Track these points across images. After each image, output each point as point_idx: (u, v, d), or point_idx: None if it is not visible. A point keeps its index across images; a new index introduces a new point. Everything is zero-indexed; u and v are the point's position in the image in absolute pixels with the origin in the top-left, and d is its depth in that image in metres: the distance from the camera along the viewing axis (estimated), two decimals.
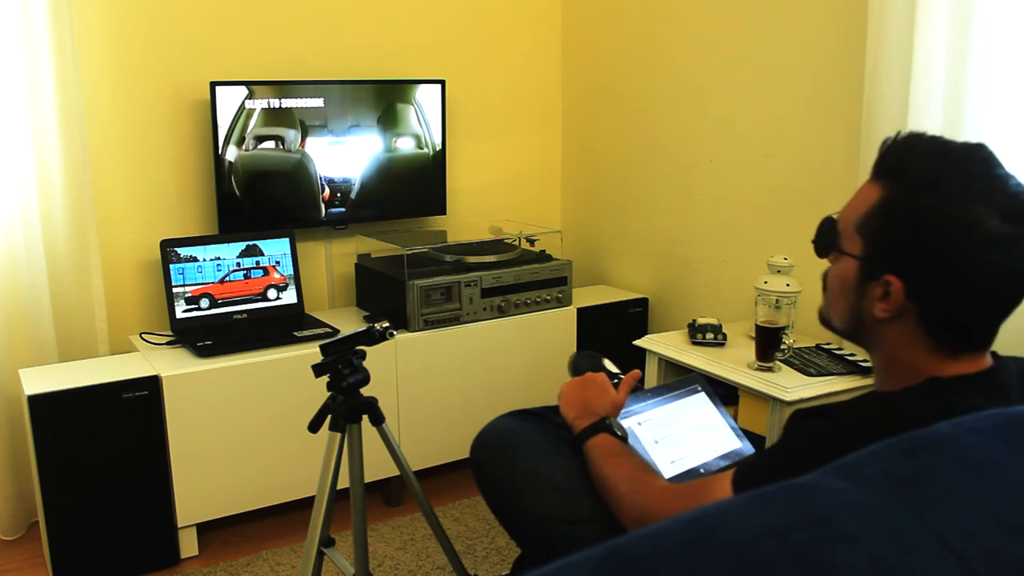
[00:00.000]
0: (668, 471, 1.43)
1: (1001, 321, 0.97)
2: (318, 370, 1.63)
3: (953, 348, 0.99)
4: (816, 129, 2.30)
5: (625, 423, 1.43)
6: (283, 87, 2.55)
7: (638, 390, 1.53)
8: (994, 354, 1.03)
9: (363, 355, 1.65)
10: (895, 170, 0.98)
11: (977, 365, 0.99)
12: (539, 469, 1.29)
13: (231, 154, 2.51)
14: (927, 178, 0.94)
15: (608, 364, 1.54)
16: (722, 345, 2.23)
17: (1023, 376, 1.01)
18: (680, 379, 1.61)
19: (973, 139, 1.83)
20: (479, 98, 3.05)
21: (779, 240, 2.43)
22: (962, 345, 0.99)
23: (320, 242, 2.83)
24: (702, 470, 1.47)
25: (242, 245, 2.53)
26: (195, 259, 2.46)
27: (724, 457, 1.50)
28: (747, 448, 1.53)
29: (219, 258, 2.50)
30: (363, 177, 2.74)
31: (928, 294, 0.96)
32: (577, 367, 1.54)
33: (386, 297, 2.60)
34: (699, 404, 1.58)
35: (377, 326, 1.62)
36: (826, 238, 1.08)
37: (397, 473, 2.33)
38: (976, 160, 0.96)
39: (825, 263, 1.12)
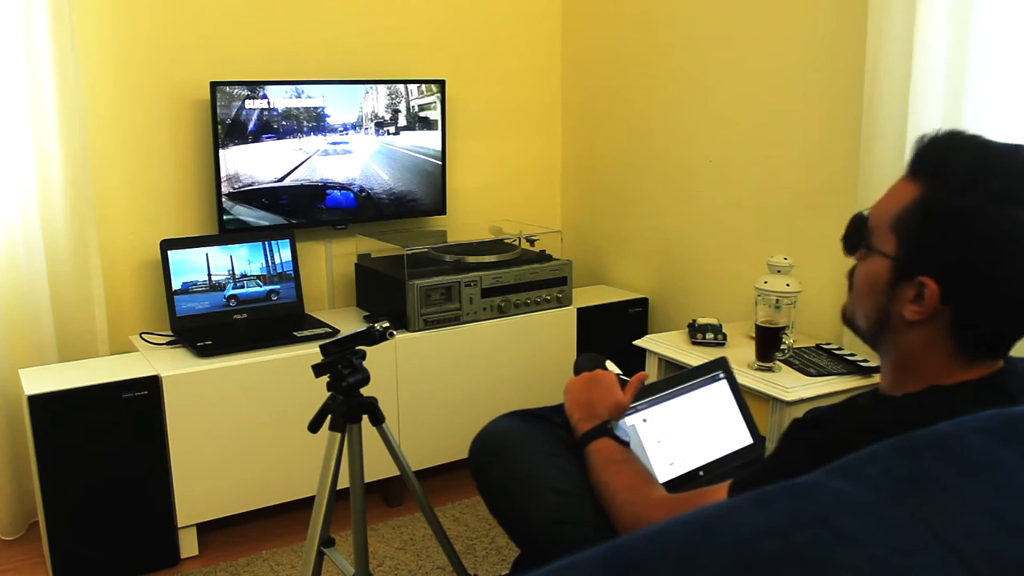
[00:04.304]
0: (665, 473, 1.43)
1: None
2: (318, 370, 1.63)
3: (976, 356, 0.96)
4: (816, 129, 2.30)
5: (630, 420, 1.43)
6: (283, 87, 2.55)
7: (656, 382, 1.51)
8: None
9: (363, 355, 1.65)
10: (934, 168, 0.94)
11: (982, 369, 0.98)
12: (538, 471, 1.29)
13: (231, 154, 2.51)
14: (967, 178, 0.91)
15: (610, 365, 1.54)
16: (722, 345, 2.23)
17: None
18: (704, 364, 1.56)
19: None
20: (479, 98, 3.05)
21: (779, 240, 2.43)
22: (987, 353, 0.96)
23: (320, 242, 2.83)
24: (701, 472, 1.46)
25: (242, 245, 2.53)
26: (195, 259, 2.46)
27: (729, 457, 1.50)
28: (756, 445, 1.53)
29: (220, 258, 2.50)
30: (363, 177, 2.74)
31: (964, 298, 0.92)
32: (581, 369, 1.54)
33: (386, 297, 2.60)
34: (717, 394, 1.55)
35: (377, 326, 1.62)
36: (856, 235, 1.03)
37: (397, 473, 2.32)
38: (1019, 161, 0.92)
39: (849, 261, 1.08)
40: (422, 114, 2.80)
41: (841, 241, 1.08)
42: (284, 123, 2.58)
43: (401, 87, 2.74)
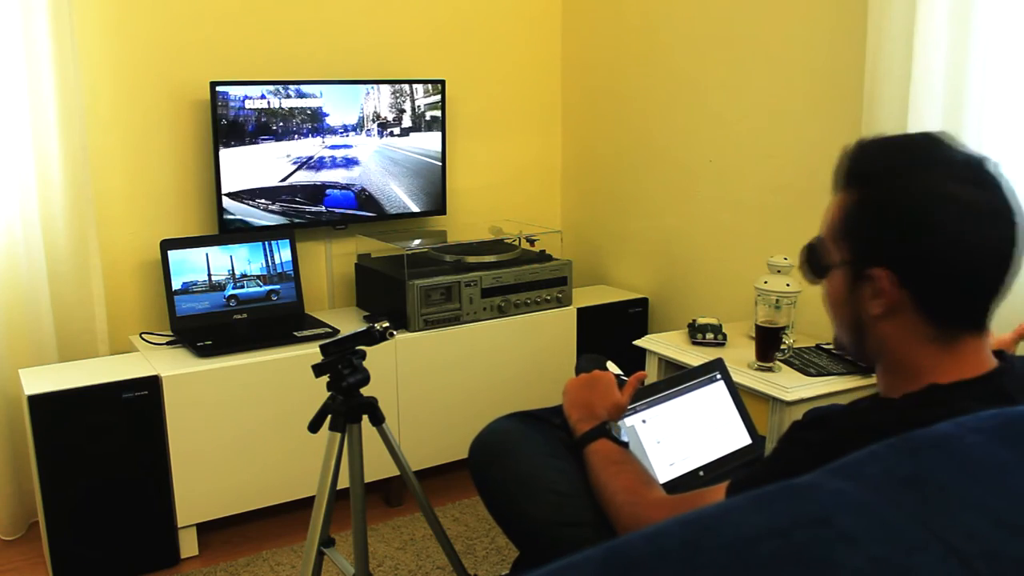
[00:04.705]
0: (666, 474, 1.43)
1: (995, 291, 0.96)
2: (318, 370, 1.63)
3: (954, 331, 0.97)
4: (816, 129, 2.30)
5: (629, 421, 1.43)
6: (283, 87, 2.55)
7: (655, 383, 1.52)
8: (1001, 355, 1.02)
9: (363, 355, 1.65)
10: (854, 175, 1.01)
11: (979, 367, 0.98)
12: (538, 472, 1.29)
13: (231, 154, 2.51)
14: (885, 169, 0.97)
15: (611, 366, 1.54)
16: (722, 345, 2.23)
17: None
18: (701, 366, 1.58)
19: (973, 139, 1.85)
20: (479, 98, 3.05)
21: (779, 240, 2.43)
22: (962, 324, 0.97)
23: (320, 242, 2.83)
24: (701, 472, 1.46)
25: (242, 245, 2.53)
26: (195, 259, 2.46)
27: (729, 457, 1.50)
28: (755, 445, 1.53)
29: (220, 258, 2.50)
30: (363, 177, 2.74)
31: (916, 276, 0.96)
32: (582, 370, 1.54)
33: (386, 297, 2.60)
34: (715, 395, 1.55)
35: (377, 326, 1.62)
36: (812, 262, 1.08)
37: (397, 473, 2.33)
38: (929, 143, 0.98)
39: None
40: (422, 114, 2.80)
41: (800, 271, 1.11)
42: (284, 123, 2.58)
43: (402, 87, 2.74)
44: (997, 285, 0.96)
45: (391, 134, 2.76)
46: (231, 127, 2.49)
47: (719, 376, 1.57)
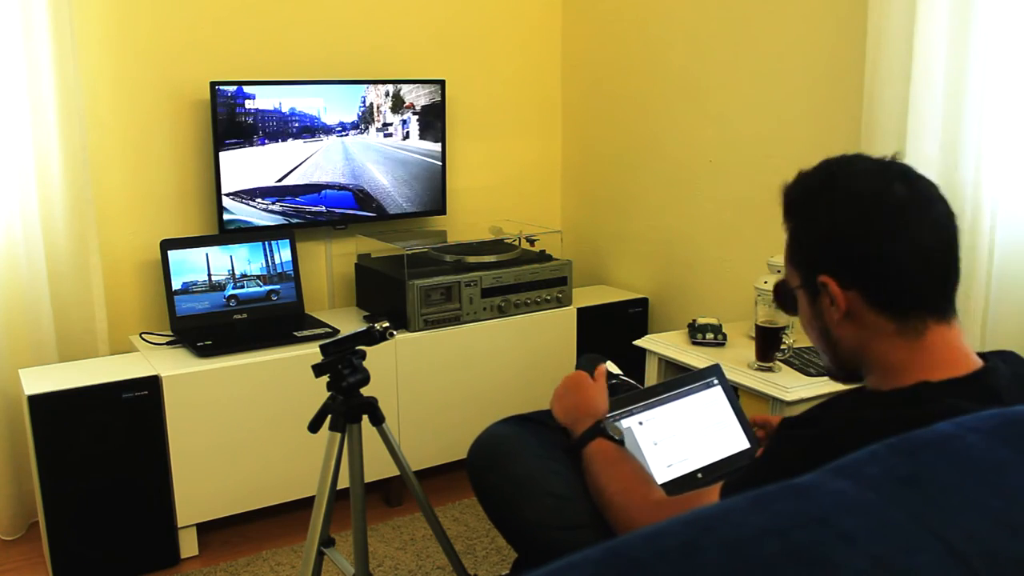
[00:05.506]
0: (664, 475, 1.42)
1: (935, 271, 1.00)
2: (318, 370, 1.63)
3: (912, 319, 1.00)
4: (816, 129, 2.30)
5: (626, 423, 1.43)
6: (283, 87, 2.55)
7: (653, 386, 1.51)
8: (985, 356, 1.03)
9: (363, 355, 1.65)
10: (785, 211, 1.10)
11: (965, 364, 0.99)
12: (535, 475, 1.29)
13: (231, 154, 2.51)
14: (799, 196, 1.08)
15: (611, 366, 1.54)
16: (722, 345, 2.23)
17: (1015, 378, 1.01)
18: (698, 371, 1.58)
19: (973, 139, 1.85)
20: (479, 98, 3.05)
21: (779, 240, 2.40)
22: (916, 307, 1.00)
23: (320, 242, 2.83)
24: (700, 475, 1.46)
25: (242, 245, 2.53)
26: (195, 259, 2.46)
27: (727, 460, 1.50)
28: (754, 449, 1.53)
29: (220, 258, 2.50)
30: (363, 177, 2.74)
31: (853, 271, 1.01)
32: (580, 369, 1.53)
33: (386, 297, 2.60)
34: (712, 399, 1.55)
35: (377, 326, 1.62)
36: (779, 296, 1.16)
37: (397, 473, 2.33)
38: (837, 161, 1.07)
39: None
40: (422, 114, 2.80)
41: (779, 308, 1.19)
42: (284, 123, 2.58)
43: (402, 87, 2.74)
44: (935, 264, 1.00)
45: (391, 134, 2.76)
46: (231, 127, 2.49)
47: (716, 381, 1.58)
